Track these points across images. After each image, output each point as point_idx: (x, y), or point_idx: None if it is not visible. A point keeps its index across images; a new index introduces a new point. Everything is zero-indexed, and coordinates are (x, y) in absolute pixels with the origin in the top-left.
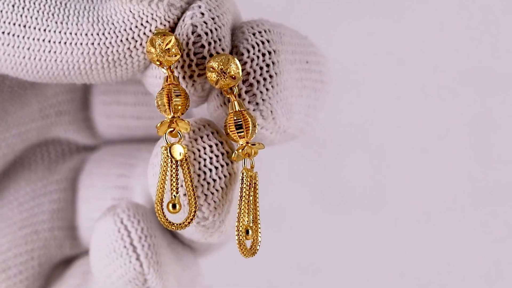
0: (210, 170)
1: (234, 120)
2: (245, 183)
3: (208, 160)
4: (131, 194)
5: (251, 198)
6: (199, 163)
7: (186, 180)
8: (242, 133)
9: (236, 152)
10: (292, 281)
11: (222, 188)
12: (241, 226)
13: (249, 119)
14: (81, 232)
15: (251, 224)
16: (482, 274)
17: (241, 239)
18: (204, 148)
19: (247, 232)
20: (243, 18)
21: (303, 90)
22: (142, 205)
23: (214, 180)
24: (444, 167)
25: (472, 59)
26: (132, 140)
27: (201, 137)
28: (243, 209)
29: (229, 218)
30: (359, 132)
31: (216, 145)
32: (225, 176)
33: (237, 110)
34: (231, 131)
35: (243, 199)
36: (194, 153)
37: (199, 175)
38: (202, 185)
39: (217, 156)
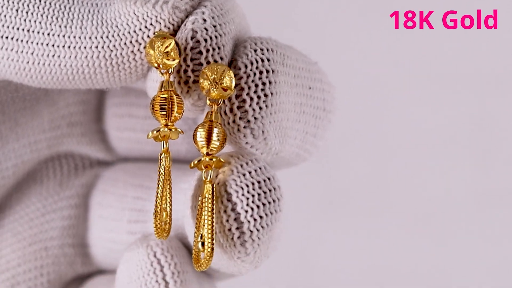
0: (258, 206)
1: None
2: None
3: (256, 196)
4: (147, 217)
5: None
6: (247, 198)
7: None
8: (204, 144)
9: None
10: (291, 284)
11: (268, 225)
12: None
13: (219, 131)
14: (93, 250)
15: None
16: (484, 277)
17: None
18: (253, 183)
19: (202, 244)
20: (251, 30)
21: (301, 116)
22: (174, 239)
23: (261, 217)
24: (445, 170)
25: (472, 62)
26: (142, 158)
27: (249, 172)
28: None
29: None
30: (359, 135)
31: (264, 181)
32: (272, 213)
33: (209, 120)
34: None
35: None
36: (242, 188)
37: (246, 211)
38: (249, 221)
39: (265, 193)
